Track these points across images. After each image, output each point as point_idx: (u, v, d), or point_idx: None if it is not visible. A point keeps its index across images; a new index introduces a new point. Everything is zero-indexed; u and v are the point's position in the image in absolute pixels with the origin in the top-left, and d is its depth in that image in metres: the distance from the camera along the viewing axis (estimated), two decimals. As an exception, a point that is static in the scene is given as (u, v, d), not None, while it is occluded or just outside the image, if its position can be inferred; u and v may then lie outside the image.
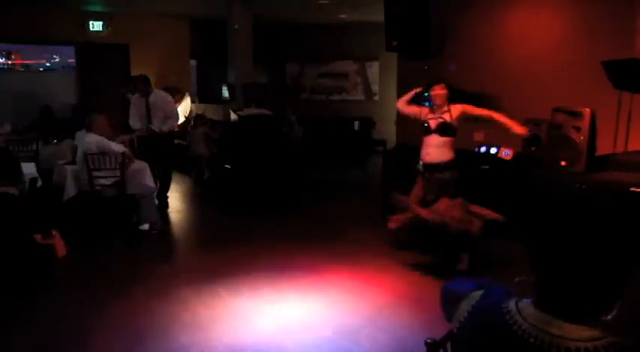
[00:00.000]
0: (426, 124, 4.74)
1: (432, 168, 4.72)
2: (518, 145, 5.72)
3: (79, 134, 5.96)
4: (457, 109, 4.67)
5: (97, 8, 10.09)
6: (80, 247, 5.05)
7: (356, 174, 9.25)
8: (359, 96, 12.42)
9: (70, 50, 11.08)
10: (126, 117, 9.50)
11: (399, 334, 3.48)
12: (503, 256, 4.57)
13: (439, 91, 4.70)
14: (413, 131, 6.88)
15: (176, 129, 7.53)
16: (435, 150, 4.69)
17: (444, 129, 4.65)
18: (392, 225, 4.59)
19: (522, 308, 1.18)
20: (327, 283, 4.34)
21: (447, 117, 4.66)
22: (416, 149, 5.28)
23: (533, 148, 5.52)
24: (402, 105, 5.03)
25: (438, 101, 4.72)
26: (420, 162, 4.84)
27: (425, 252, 4.76)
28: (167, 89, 10.88)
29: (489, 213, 4.44)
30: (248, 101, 8.09)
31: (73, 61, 11.20)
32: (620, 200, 3.96)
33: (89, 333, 3.48)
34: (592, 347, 1.07)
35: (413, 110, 4.94)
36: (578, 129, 4.71)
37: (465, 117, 4.68)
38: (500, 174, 5.68)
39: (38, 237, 4.50)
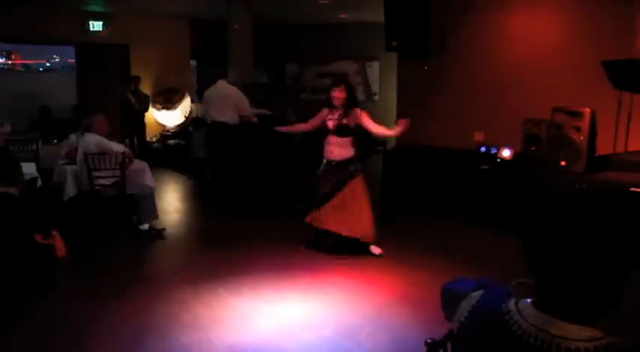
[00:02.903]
0: (324, 125, 4.89)
1: (337, 165, 4.87)
2: (518, 145, 5.73)
3: (72, 136, 5.96)
4: (355, 115, 4.78)
5: (97, 8, 10.08)
6: (80, 247, 5.05)
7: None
8: (359, 96, 12.29)
9: (70, 50, 11.07)
10: (125, 117, 9.55)
11: (399, 334, 3.48)
12: (503, 251, 4.57)
13: (337, 94, 4.77)
14: (413, 131, 6.89)
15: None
16: (337, 148, 4.84)
17: (340, 131, 4.81)
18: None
19: (522, 309, 1.18)
20: (327, 283, 4.34)
21: (345, 121, 4.78)
22: (416, 149, 5.27)
23: (533, 148, 5.53)
24: (305, 127, 5.19)
25: (336, 102, 4.80)
26: (324, 160, 4.98)
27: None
28: (167, 89, 10.94)
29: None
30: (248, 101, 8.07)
31: (73, 61, 11.20)
32: (620, 200, 3.96)
33: (89, 333, 3.48)
34: (592, 347, 1.07)
35: (316, 121, 5.03)
36: (578, 129, 4.72)
37: (358, 124, 4.81)
38: (500, 174, 5.68)
39: (38, 237, 4.49)
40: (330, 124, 4.84)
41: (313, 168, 5.12)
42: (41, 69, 13.12)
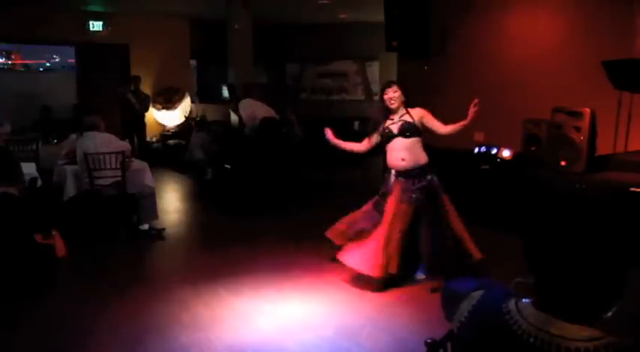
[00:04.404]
0: (387, 131, 4.20)
1: (414, 173, 4.15)
2: (518, 145, 5.73)
3: (72, 136, 5.97)
4: (417, 113, 4.22)
5: (97, 8, 10.09)
6: (80, 247, 5.05)
7: (356, 174, 9.24)
8: (359, 96, 12.43)
9: (70, 50, 11.08)
10: (125, 117, 9.54)
11: (399, 334, 3.48)
12: (503, 251, 4.56)
13: (392, 94, 4.20)
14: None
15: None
16: (409, 152, 4.14)
17: (407, 129, 4.15)
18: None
19: (522, 308, 1.18)
20: (327, 283, 4.34)
21: (407, 118, 4.19)
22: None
23: (533, 148, 5.53)
24: (363, 147, 4.41)
25: (393, 104, 4.19)
26: (393, 172, 4.22)
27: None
28: (167, 89, 10.94)
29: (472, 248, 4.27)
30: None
31: (73, 61, 11.20)
32: (620, 200, 3.96)
33: (89, 333, 3.48)
34: (592, 347, 1.07)
35: (373, 138, 4.35)
36: (578, 129, 4.72)
37: (422, 124, 4.22)
38: (500, 174, 5.68)
39: (38, 237, 4.50)
40: (395, 128, 4.18)
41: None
42: (41, 69, 13.11)
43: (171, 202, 7.50)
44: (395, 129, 4.19)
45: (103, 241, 5.36)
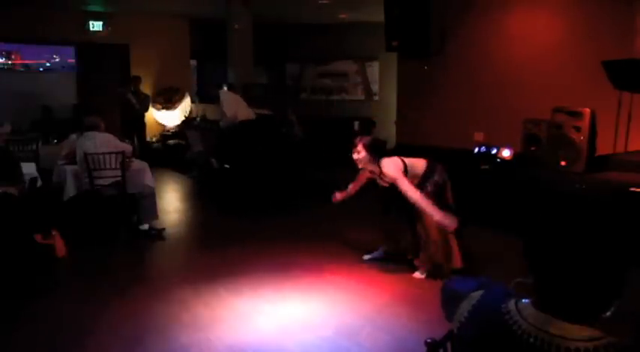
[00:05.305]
0: (380, 186, 4.41)
1: (423, 182, 4.29)
2: (518, 145, 5.74)
3: (72, 136, 5.97)
4: (390, 175, 4.14)
5: (97, 8, 10.08)
6: (80, 247, 5.05)
7: (356, 174, 9.24)
8: (359, 96, 12.43)
9: (70, 50, 11.07)
10: (125, 117, 9.55)
11: (399, 334, 3.48)
12: (503, 251, 4.57)
13: (356, 156, 4.25)
14: (413, 131, 6.90)
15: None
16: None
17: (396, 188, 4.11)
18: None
19: (522, 308, 1.18)
20: (327, 283, 4.34)
21: (387, 180, 4.21)
22: (415, 149, 5.24)
23: (533, 148, 5.54)
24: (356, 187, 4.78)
25: (359, 164, 4.32)
26: None
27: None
28: (167, 89, 10.95)
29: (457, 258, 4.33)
30: (248, 101, 8.10)
31: (73, 61, 11.19)
32: (620, 200, 3.96)
33: (89, 333, 3.48)
34: (592, 347, 1.07)
35: (362, 179, 4.68)
36: (578, 129, 4.72)
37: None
38: (500, 174, 5.68)
39: (38, 237, 4.50)
40: (385, 183, 4.29)
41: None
42: (41, 69, 13.08)
43: (171, 202, 7.50)
44: (385, 184, 4.30)
45: (103, 241, 5.36)
